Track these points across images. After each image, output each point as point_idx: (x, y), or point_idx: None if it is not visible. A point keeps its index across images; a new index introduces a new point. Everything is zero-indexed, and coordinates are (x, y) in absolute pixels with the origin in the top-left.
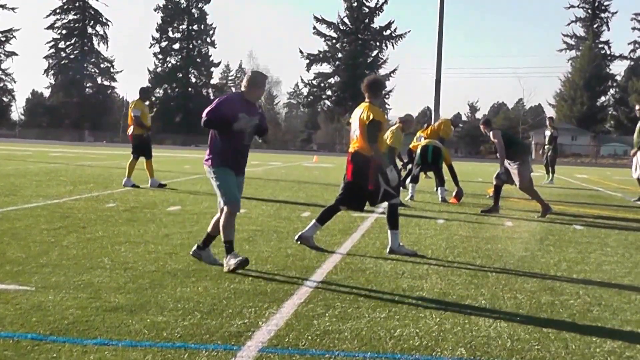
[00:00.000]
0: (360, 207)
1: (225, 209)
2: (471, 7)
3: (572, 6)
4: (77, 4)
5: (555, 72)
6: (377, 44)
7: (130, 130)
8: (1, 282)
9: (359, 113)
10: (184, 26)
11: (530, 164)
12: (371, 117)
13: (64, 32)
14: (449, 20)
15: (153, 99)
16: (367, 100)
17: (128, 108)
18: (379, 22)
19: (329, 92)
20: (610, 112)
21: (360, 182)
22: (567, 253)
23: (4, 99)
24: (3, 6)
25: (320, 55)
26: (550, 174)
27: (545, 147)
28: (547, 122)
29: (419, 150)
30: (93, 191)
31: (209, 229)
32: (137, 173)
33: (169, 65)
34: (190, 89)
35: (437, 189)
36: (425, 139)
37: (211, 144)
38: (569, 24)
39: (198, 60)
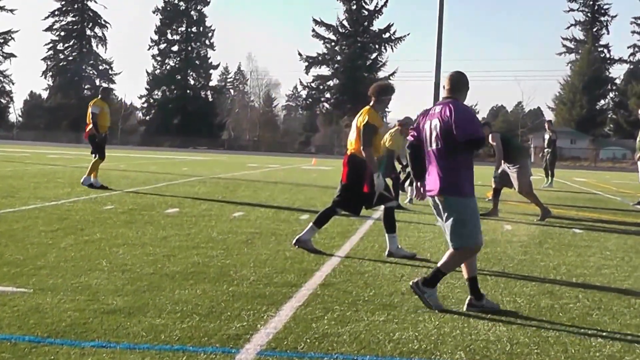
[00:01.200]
0: (357, 210)
1: (466, 248)
2: (470, 10)
3: (572, 10)
4: (75, 6)
5: (554, 76)
6: (376, 46)
7: (88, 129)
8: None
9: (358, 116)
10: (183, 28)
11: (530, 168)
12: (366, 120)
13: (62, 34)
14: (449, 23)
15: (151, 100)
16: (370, 104)
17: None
18: (378, 24)
19: (327, 95)
20: (609, 116)
21: (356, 185)
22: (567, 257)
23: (2, 100)
24: (2, 8)
25: (319, 58)
26: (550, 178)
27: (545, 150)
28: (546, 126)
29: None
30: (91, 193)
31: (466, 271)
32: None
33: (168, 67)
34: (188, 91)
35: None
36: None
37: (458, 166)
38: (568, 28)
39: (197, 62)
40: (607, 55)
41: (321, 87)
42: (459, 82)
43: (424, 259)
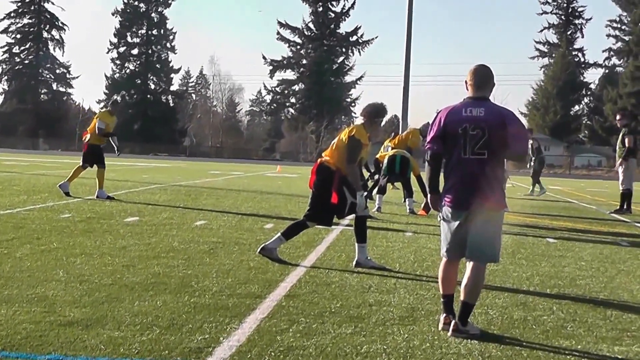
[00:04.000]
0: (329, 222)
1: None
2: (440, 13)
3: (545, 12)
4: (32, 8)
5: (527, 80)
6: (343, 50)
7: (86, 138)
8: None
9: (345, 129)
10: (143, 31)
11: None
12: (353, 134)
13: (18, 36)
14: (418, 26)
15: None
16: (361, 123)
17: (92, 116)
18: (345, 27)
19: (293, 100)
20: (584, 122)
21: (323, 195)
22: (540, 267)
23: None
24: None
25: (284, 62)
26: (533, 186)
27: (532, 159)
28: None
29: (386, 161)
30: (48, 201)
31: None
32: (89, 182)
33: (127, 71)
34: (149, 96)
35: (405, 200)
36: (392, 148)
37: (500, 177)
38: (541, 31)
39: (157, 66)
40: (582, 60)
41: (286, 91)
42: (488, 78)
43: (393, 270)
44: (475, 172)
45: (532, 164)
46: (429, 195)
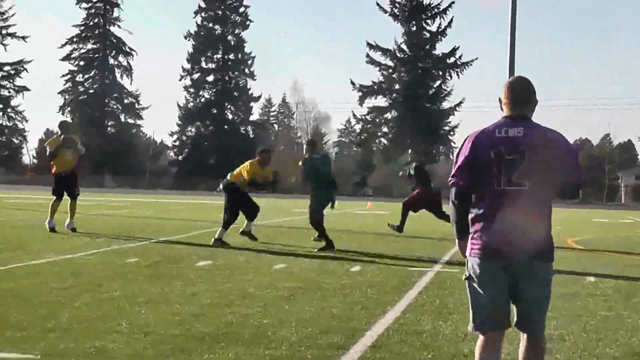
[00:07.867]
0: None
1: None
2: (546, 26)
3: None
4: (96, 32)
5: None
6: (440, 73)
7: (53, 169)
8: (1, 350)
9: None
10: (219, 55)
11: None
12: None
13: (81, 63)
14: (522, 44)
15: (184, 138)
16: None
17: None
18: (441, 48)
19: (385, 129)
20: None
21: None
22: None
23: (14, 140)
24: (12, 35)
25: (375, 87)
26: None
27: None
28: None
29: None
30: (112, 244)
31: None
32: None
33: (202, 99)
34: (226, 127)
35: None
36: None
37: (549, 217)
38: None
39: (235, 93)
40: None
41: (377, 120)
42: (528, 93)
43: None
44: (514, 209)
45: None
46: (456, 242)
